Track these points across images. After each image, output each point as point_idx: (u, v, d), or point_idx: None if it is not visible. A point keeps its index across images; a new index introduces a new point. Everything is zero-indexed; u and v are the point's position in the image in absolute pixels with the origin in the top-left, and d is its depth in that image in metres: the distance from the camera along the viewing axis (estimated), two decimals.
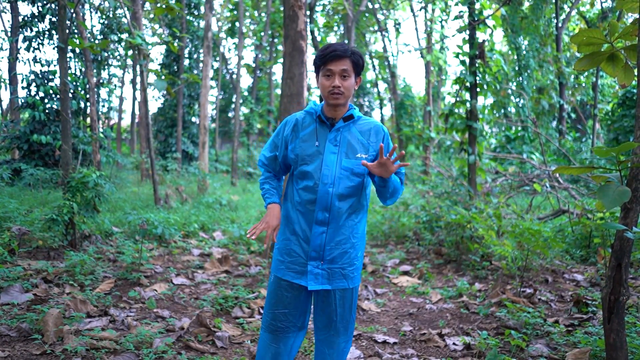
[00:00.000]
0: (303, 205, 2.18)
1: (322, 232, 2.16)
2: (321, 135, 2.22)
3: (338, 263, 2.18)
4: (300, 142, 2.22)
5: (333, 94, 2.14)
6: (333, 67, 2.13)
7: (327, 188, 2.14)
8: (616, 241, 2.38)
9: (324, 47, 2.16)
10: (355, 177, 2.19)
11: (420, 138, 17.34)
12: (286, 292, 2.22)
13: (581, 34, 2.65)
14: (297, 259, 2.19)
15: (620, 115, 13.82)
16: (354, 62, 2.16)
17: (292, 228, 2.22)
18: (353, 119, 2.24)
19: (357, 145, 2.22)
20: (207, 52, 13.66)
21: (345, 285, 2.22)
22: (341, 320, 2.27)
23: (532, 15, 17.68)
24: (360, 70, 2.22)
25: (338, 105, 2.19)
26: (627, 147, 2.14)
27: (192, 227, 7.09)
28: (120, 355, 2.95)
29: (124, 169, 18.34)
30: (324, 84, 2.15)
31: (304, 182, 2.18)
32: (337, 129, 2.21)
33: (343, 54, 2.13)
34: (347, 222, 2.19)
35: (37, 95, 11.84)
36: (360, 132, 2.25)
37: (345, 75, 2.15)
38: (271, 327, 2.25)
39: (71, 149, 5.39)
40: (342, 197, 2.16)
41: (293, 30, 5.52)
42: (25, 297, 3.74)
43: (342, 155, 2.18)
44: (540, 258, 5.16)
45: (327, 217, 2.15)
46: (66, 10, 5.37)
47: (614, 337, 2.38)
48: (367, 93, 31.84)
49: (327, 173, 2.15)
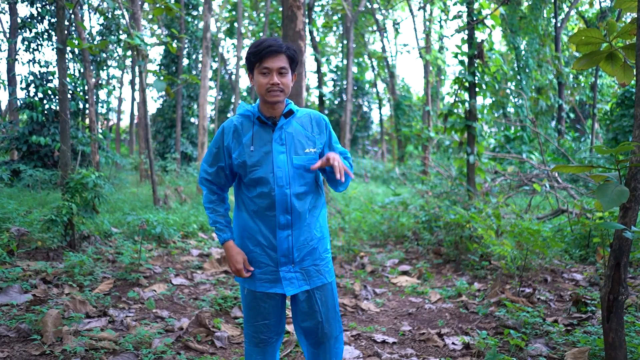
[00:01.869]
0: (261, 212, 2.09)
1: (287, 236, 2.09)
2: (265, 136, 2.12)
3: (309, 261, 2.14)
4: (244, 147, 2.10)
5: (272, 91, 2.04)
6: (270, 65, 2.03)
7: (284, 190, 2.06)
8: (615, 240, 2.38)
9: (257, 43, 2.04)
10: (308, 173, 2.13)
11: (419, 138, 17.33)
12: (263, 302, 2.15)
13: (579, 34, 2.65)
14: (266, 269, 2.12)
15: (619, 114, 13.84)
16: (290, 57, 2.07)
17: (254, 239, 2.12)
18: (293, 114, 2.16)
19: (304, 140, 2.14)
20: (206, 53, 13.66)
21: (324, 280, 2.18)
22: (326, 319, 2.20)
23: (531, 15, 17.68)
24: (296, 66, 2.13)
25: (277, 103, 2.09)
26: (626, 147, 2.14)
27: (191, 227, 7.09)
28: (119, 355, 2.95)
29: (123, 170, 18.34)
30: (261, 82, 2.04)
31: (258, 188, 2.09)
32: (280, 127, 2.11)
33: (279, 49, 2.03)
34: (309, 219, 2.14)
35: (36, 96, 11.84)
36: (302, 126, 2.17)
37: (283, 72, 2.06)
38: (254, 340, 2.20)
39: (70, 149, 5.38)
40: (300, 196, 2.10)
41: (291, 30, 5.52)
42: (24, 298, 3.74)
43: (291, 154, 2.10)
44: (539, 257, 5.16)
45: (289, 220, 2.08)
46: (65, 11, 5.37)
47: (613, 336, 2.38)
48: (366, 93, 31.84)
49: (280, 175, 2.06)
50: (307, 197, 2.13)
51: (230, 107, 34.21)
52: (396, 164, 20.58)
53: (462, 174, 7.40)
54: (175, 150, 18.36)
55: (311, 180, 2.15)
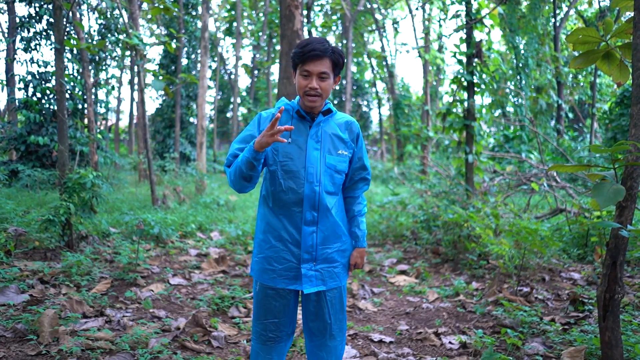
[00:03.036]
0: (287, 208, 2.08)
1: (312, 232, 2.09)
2: (302, 130, 2.12)
3: (330, 262, 2.14)
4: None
5: (309, 95, 2.04)
6: (311, 68, 2.01)
7: (314, 187, 2.06)
8: (611, 239, 2.38)
9: (303, 44, 2.02)
10: (337, 174, 2.14)
11: (418, 137, 17.34)
12: (274, 301, 2.15)
13: (576, 33, 2.65)
14: (289, 265, 2.10)
15: (618, 114, 13.83)
16: (334, 61, 2.05)
17: (277, 234, 2.11)
18: (332, 112, 2.17)
19: (338, 141, 2.14)
20: (205, 53, 13.67)
21: (338, 283, 2.19)
22: (335, 321, 2.22)
23: (530, 14, 17.67)
24: (340, 70, 2.12)
25: (313, 108, 2.10)
26: (623, 147, 2.14)
27: (190, 227, 7.08)
28: (116, 355, 2.94)
29: (121, 170, 18.34)
30: (301, 83, 2.04)
31: (287, 182, 2.07)
32: (318, 124, 2.12)
33: (323, 53, 2.00)
34: (335, 219, 2.14)
35: (35, 96, 11.82)
36: (339, 127, 2.18)
37: (324, 77, 2.04)
38: (262, 337, 2.19)
39: (68, 149, 5.37)
40: (328, 195, 2.11)
41: (290, 29, 5.52)
42: (21, 298, 3.73)
43: (325, 152, 2.10)
44: (537, 257, 5.16)
45: (315, 216, 2.08)
46: (62, 10, 5.36)
47: (610, 335, 2.38)
48: (365, 93, 31.85)
49: (312, 171, 2.06)
50: (333, 198, 2.14)
51: (230, 107, 34.23)
52: (395, 163, 20.58)
53: (460, 173, 7.39)
54: (174, 150, 18.35)
55: (339, 183, 2.17)
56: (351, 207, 2.31)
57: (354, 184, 2.28)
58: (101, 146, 13.37)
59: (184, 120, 20.60)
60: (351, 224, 2.30)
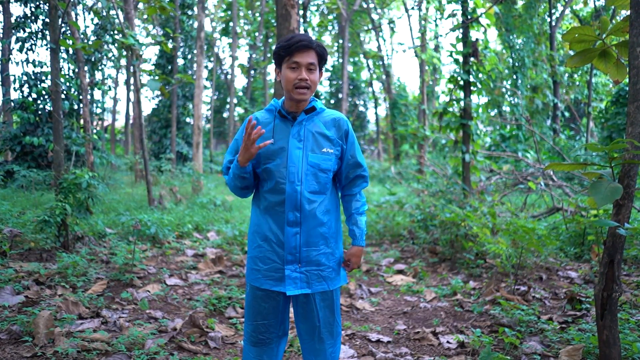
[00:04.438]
0: (271, 208, 2.08)
1: (295, 233, 2.06)
2: (283, 130, 2.10)
3: (315, 265, 2.10)
4: (262, 140, 2.08)
5: (299, 87, 2.02)
6: (299, 59, 2.01)
7: (295, 186, 2.04)
8: (608, 238, 2.38)
9: (288, 38, 2.03)
10: (322, 173, 2.10)
11: (415, 137, 17.35)
12: (263, 302, 2.13)
13: (572, 32, 2.65)
14: (273, 265, 2.08)
15: (614, 113, 13.88)
16: (320, 54, 2.06)
17: (262, 234, 2.11)
18: (315, 111, 2.14)
19: (322, 139, 2.11)
20: (200, 53, 13.64)
21: (325, 287, 2.13)
22: (325, 324, 2.17)
23: (525, 13, 17.71)
24: (324, 64, 2.12)
25: (302, 101, 2.08)
26: (619, 145, 2.13)
27: (186, 227, 7.06)
28: (112, 356, 2.93)
29: (117, 170, 18.28)
30: (289, 76, 2.02)
31: (269, 183, 2.08)
32: (300, 122, 2.10)
33: (310, 44, 2.01)
34: (320, 220, 2.10)
35: (30, 97, 11.77)
36: (325, 125, 2.14)
37: (312, 69, 2.04)
38: (253, 339, 2.18)
39: (64, 150, 5.35)
40: (311, 195, 2.07)
41: (286, 29, 5.50)
42: (16, 299, 3.71)
43: (307, 151, 2.07)
44: (534, 256, 5.16)
45: (298, 217, 2.05)
46: (58, 10, 5.33)
47: (607, 334, 2.38)
48: (362, 92, 31.84)
49: (293, 170, 2.04)
50: (319, 198, 2.10)
51: (226, 107, 34.18)
52: (392, 163, 20.59)
53: (457, 172, 7.39)
54: (170, 151, 18.30)
55: (325, 182, 2.12)
56: (349, 205, 2.29)
57: (350, 182, 2.26)
58: (97, 146, 13.33)
59: (180, 121, 20.54)
60: (349, 222, 2.29)
